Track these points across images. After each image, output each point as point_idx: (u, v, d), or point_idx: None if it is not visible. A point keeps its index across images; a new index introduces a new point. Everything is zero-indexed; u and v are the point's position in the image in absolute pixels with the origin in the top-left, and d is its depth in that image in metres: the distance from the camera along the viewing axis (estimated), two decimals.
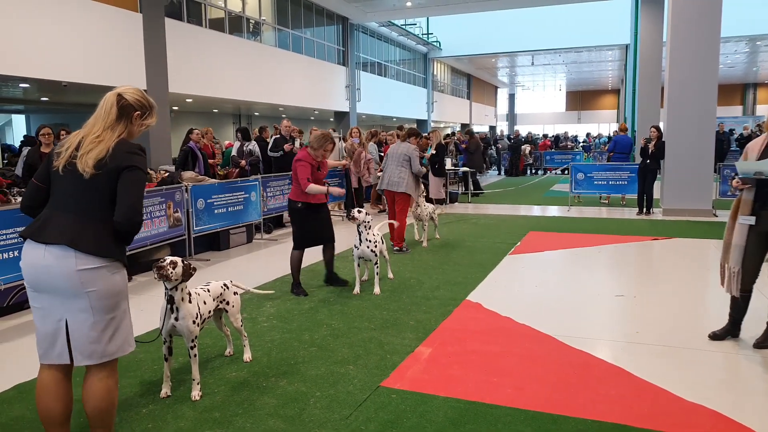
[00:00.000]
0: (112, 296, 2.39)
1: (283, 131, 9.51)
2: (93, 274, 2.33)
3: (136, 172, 2.41)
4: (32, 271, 2.36)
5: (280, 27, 18.01)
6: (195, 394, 3.20)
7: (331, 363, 3.72)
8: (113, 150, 2.38)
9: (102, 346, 2.38)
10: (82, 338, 2.36)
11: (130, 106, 2.50)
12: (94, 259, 2.34)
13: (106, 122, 2.45)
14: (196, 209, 7.06)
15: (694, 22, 9.64)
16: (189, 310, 3.16)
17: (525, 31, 26.51)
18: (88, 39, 10.78)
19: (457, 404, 3.13)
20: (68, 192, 2.40)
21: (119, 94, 2.50)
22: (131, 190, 2.38)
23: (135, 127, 2.54)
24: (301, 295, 5.31)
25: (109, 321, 2.40)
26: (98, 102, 2.53)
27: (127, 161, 2.39)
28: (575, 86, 46.74)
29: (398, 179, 7.06)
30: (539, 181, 17.92)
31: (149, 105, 2.60)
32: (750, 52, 29.54)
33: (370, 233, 5.30)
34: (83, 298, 2.33)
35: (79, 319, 2.35)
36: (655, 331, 4.27)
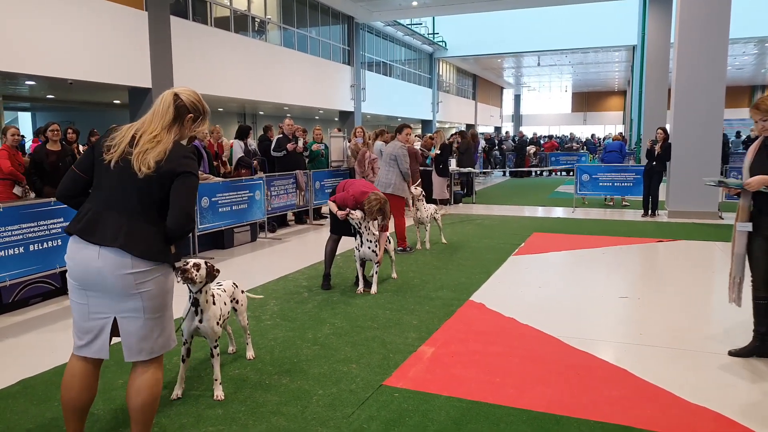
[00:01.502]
0: (162, 295, 2.41)
1: (285, 130, 9.53)
2: (146, 276, 2.35)
3: (192, 179, 2.40)
4: (82, 270, 2.35)
5: (285, 26, 18.03)
6: (219, 394, 3.20)
7: (333, 361, 3.73)
8: (170, 152, 2.36)
9: (150, 343, 2.42)
10: (132, 337, 2.39)
11: (184, 107, 2.47)
12: (147, 262, 2.35)
13: (163, 122, 2.41)
14: (201, 207, 7.08)
15: (702, 24, 9.60)
16: (213, 311, 3.18)
17: (531, 31, 26.44)
18: (94, 37, 10.82)
19: (459, 404, 3.12)
20: (119, 189, 2.36)
21: (176, 94, 2.48)
22: (186, 197, 2.37)
23: (186, 130, 2.50)
24: (326, 288, 5.49)
25: (157, 319, 2.42)
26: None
27: (183, 166, 2.37)
28: (581, 87, 46.60)
29: (386, 180, 6.93)
30: (543, 182, 17.87)
31: (203, 110, 2.55)
32: (758, 54, 29.37)
33: (370, 233, 5.30)
34: (136, 299, 2.35)
35: (130, 319, 2.37)
36: (658, 333, 4.26)
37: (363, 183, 5.55)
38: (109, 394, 3.24)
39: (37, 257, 4.97)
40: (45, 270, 5.05)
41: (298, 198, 9.43)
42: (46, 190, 6.83)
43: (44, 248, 5.03)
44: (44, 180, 6.93)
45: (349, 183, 5.56)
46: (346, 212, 5.18)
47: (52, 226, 5.09)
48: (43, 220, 5.01)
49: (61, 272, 5.22)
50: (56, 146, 7.06)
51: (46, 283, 5.29)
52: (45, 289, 5.29)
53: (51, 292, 5.34)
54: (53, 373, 3.58)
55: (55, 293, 5.37)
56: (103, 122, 15.19)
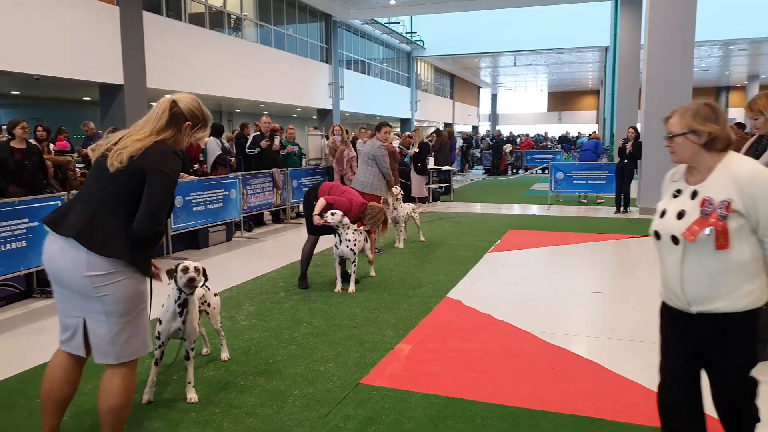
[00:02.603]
0: (126, 301, 2.34)
1: (262, 128, 9.43)
2: (104, 280, 2.28)
3: (163, 178, 2.31)
4: (50, 266, 2.37)
5: (262, 23, 17.87)
6: (193, 397, 3.15)
7: (310, 361, 3.71)
8: (147, 149, 2.31)
9: (117, 348, 2.36)
10: (99, 338, 2.36)
11: (182, 115, 2.43)
12: (104, 263, 2.27)
13: (155, 126, 2.38)
14: (174, 207, 6.97)
15: (670, 26, 9.81)
16: (195, 311, 3.16)
17: (507, 31, 26.67)
18: (62, 31, 10.55)
19: (436, 400, 3.14)
20: (92, 184, 2.41)
21: (174, 101, 2.44)
22: (155, 197, 2.30)
23: (183, 136, 2.46)
24: (303, 287, 5.47)
25: (124, 324, 2.35)
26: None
27: (156, 163, 2.30)
28: (556, 87, 47.21)
29: (364, 179, 6.82)
30: (519, 180, 18.07)
31: (203, 117, 2.51)
32: (723, 56, 30.14)
33: (348, 233, 5.29)
34: (97, 302, 2.31)
35: (94, 321, 2.34)
36: (630, 327, 4.34)
37: (351, 194, 5.58)
38: (76, 400, 3.13)
39: (1, 259, 4.82)
40: (8, 272, 4.89)
41: (275, 197, 9.36)
42: (11, 189, 6.64)
43: (8, 250, 4.87)
44: (8, 179, 6.73)
45: (346, 191, 5.62)
46: (324, 221, 5.18)
47: (16, 227, 4.95)
48: (6, 220, 4.87)
49: (25, 274, 5.08)
50: (22, 144, 6.86)
51: (10, 286, 5.13)
52: (8, 292, 5.13)
53: (15, 295, 5.18)
54: (18, 379, 3.48)
55: (20, 296, 5.21)
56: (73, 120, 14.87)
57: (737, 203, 2.00)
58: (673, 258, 2.11)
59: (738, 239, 2.01)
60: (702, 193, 2.06)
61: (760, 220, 2.00)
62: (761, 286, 2.08)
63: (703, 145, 2.07)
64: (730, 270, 2.03)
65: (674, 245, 2.09)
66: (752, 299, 2.05)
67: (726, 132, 2.07)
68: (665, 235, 2.12)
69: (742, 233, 2.02)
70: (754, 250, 2.04)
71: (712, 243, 2.00)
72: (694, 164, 2.13)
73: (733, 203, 1.99)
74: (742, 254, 2.02)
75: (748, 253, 2.03)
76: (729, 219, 1.99)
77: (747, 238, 2.03)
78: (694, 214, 2.04)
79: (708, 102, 2.13)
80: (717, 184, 2.04)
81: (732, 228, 1.99)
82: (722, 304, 2.05)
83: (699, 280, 2.06)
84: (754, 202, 1.98)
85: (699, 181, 2.10)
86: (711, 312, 2.07)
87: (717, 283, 2.05)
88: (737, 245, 2.01)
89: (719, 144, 2.07)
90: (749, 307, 2.05)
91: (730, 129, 2.11)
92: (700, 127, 2.06)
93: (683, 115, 2.10)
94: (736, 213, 1.99)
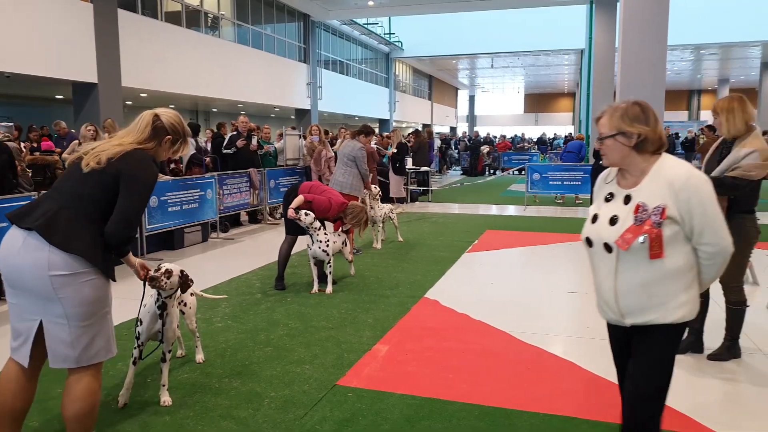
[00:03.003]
0: (89, 303, 2.28)
1: (240, 127, 9.34)
2: (66, 281, 2.22)
3: (140, 184, 2.33)
4: (7, 265, 2.28)
5: (239, 22, 17.70)
6: (166, 400, 3.09)
7: (286, 363, 3.67)
8: (125, 154, 2.32)
9: (77, 352, 2.29)
10: (56, 342, 2.27)
11: (163, 129, 2.46)
12: (66, 262, 2.22)
13: (138, 138, 2.41)
14: (149, 207, 6.86)
15: (643, 30, 9.99)
16: (175, 313, 3.11)
17: (485, 33, 26.87)
18: (34, 28, 10.30)
19: (412, 401, 3.13)
20: (63, 183, 2.38)
21: (156, 114, 2.46)
22: (131, 203, 2.30)
23: (162, 150, 2.49)
24: (278, 289, 5.42)
25: (85, 328, 2.29)
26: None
27: (135, 169, 2.31)
28: (533, 89, 47.72)
29: (343, 180, 6.80)
30: (496, 180, 18.22)
31: (183, 133, 2.55)
32: (695, 60, 30.83)
33: (320, 233, 5.26)
34: (57, 305, 2.23)
35: (53, 323, 2.26)
36: (604, 326, 4.38)
37: (329, 192, 5.52)
38: (45, 404, 3.08)
39: None
40: None
41: (251, 197, 9.27)
42: None
43: None
44: None
45: (326, 190, 5.56)
46: (298, 216, 5.12)
47: None
48: None
49: None
50: None
51: None
52: None
53: None
54: None
55: None
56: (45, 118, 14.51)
57: (671, 209, 1.88)
58: (605, 267, 2.00)
59: (672, 247, 1.89)
60: (635, 198, 1.94)
61: (695, 227, 1.89)
62: (694, 296, 1.98)
63: (634, 147, 1.95)
64: (664, 280, 1.92)
65: (607, 253, 1.98)
66: (685, 311, 1.95)
67: (657, 133, 1.95)
68: (597, 242, 2.02)
69: (677, 241, 1.90)
70: (689, 258, 1.94)
71: (646, 251, 1.89)
72: (625, 167, 2.00)
73: (668, 209, 1.87)
74: (676, 263, 1.91)
75: (683, 261, 1.92)
76: (663, 226, 1.87)
77: (681, 245, 1.91)
78: (628, 220, 1.92)
79: (638, 101, 2.01)
80: (651, 189, 1.92)
81: (666, 235, 1.88)
82: (655, 316, 1.94)
83: (633, 290, 1.95)
84: (688, 207, 1.87)
85: (632, 185, 1.98)
86: (644, 324, 1.97)
87: (651, 293, 1.93)
88: (671, 254, 1.90)
89: (650, 146, 1.95)
90: (682, 319, 1.95)
91: (662, 130, 2.00)
92: (628, 128, 1.94)
93: (612, 115, 1.98)
94: (671, 220, 1.88)
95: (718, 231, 1.91)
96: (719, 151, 3.59)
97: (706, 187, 1.91)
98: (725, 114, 3.42)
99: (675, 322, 1.95)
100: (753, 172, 3.30)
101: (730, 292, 3.61)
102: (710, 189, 1.91)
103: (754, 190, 3.45)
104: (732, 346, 3.67)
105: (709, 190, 1.91)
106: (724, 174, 3.36)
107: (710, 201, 1.89)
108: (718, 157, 3.55)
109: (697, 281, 1.99)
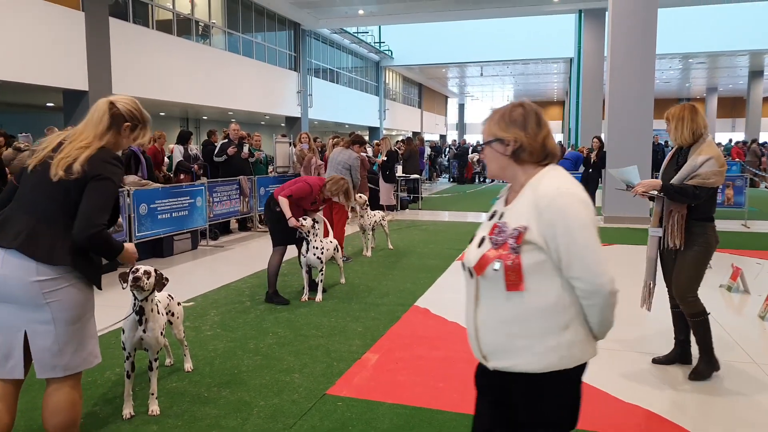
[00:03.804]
0: (76, 307, 2.25)
1: (231, 135, 9.33)
2: (54, 285, 2.19)
3: (105, 183, 2.24)
4: None
5: (230, 31, 17.71)
6: (154, 409, 3.06)
7: (276, 371, 3.65)
8: (91, 158, 2.25)
9: (65, 359, 2.24)
10: (43, 351, 2.22)
11: (120, 116, 2.37)
12: (54, 269, 2.20)
13: (97, 131, 2.32)
14: (139, 214, 6.81)
15: (631, 39, 10.12)
16: (158, 321, 3.06)
17: (474, 42, 27.09)
18: (25, 36, 10.25)
19: (403, 410, 3.12)
20: (33, 193, 2.29)
21: (111, 102, 2.38)
22: (93, 201, 2.22)
23: (123, 138, 2.40)
24: (282, 303, 5.14)
25: (73, 333, 2.25)
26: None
27: (98, 170, 2.24)
28: (522, 97, 47.02)
29: None
30: (487, 188, 18.29)
31: (142, 118, 2.45)
32: (683, 69, 31.24)
33: (316, 240, 5.25)
34: (45, 310, 2.19)
35: (40, 331, 2.21)
36: None
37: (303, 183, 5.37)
38: (31, 414, 3.04)
39: None
40: None
41: (241, 204, 9.24)
42: None
43: None
44: None
45: (297, 180, 5.46)
46: (299, 223, 5.11)
47: None
48: None
49: None
50: None
51: None
52: None
53: None
54: None
55: None
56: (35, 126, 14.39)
57: (533, 232, 1.54)
58: (468, 295, 1.71)
59: (537, 279, 1.55)
60: (505, 216, 1.64)
61: (561, 256, 1.53)
62: (572, 342, 1.58)
63: (512, 156, 1.65)
64: (528, 318, 1.57)
65: (471, 279, 1.69)
66: (556, 358, 1.56)
67: (537, 140, 1.64)
68: (465, 266, 1.71)
69: (543, 271, 1.55)
70: (563, 294, 1.56)
71: (503, 281, 1.57)
72: (509, 180, 1.72)
73: (527, 232, 1.55)
74: (542, 298, 1.56)
75: (552, 297, 1.56)
76: (522, 252, 1.54)
77: (551, 278, 1.56)
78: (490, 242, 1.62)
79: (522, 102, 1.72)
80: (520, 207, 1.61)
81: (527, 264, 1.54)
82: (516, 362, 1.58)
83: (493, 326, 1.62)
84: (553, 232, 1.52)
85: (510, 201, 1.69)
86: (506, 370, 1.61)
87: (510, 332, 1.59)
88: (536, 287, 1.55)
89: (527, 155, 1.64)
90: (552, 368, 1.56)
91: (547, 136, 1.67)
92: (503, 134, 1.65)
93: (490, 119, 1.71)
94: (532, 245, 1.54)
95: (589, 265, 1.52)
96: (675, 159, 3.59)
97: (576, 209, 1.53)
98: (675, 121, 3.44)
99: (543, 371, 1.56)
100: (711, 179, 3.30)
101: (687, 305, 3.47)
102: (583, 212, 1.54)
103: (712, 197, 3.44)
104: (708, 359, 3.51)
105: (580, 213, 1.53)
106: (684, 182, 3.36)
107: (580, 227, 1.52)
108: (675, 165, 3.54)
109: (581, 323, 1.60)
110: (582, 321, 1.60)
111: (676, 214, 3.43)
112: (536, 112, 1.70)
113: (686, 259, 3.45)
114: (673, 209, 3.44)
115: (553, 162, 1.67)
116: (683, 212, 3.41)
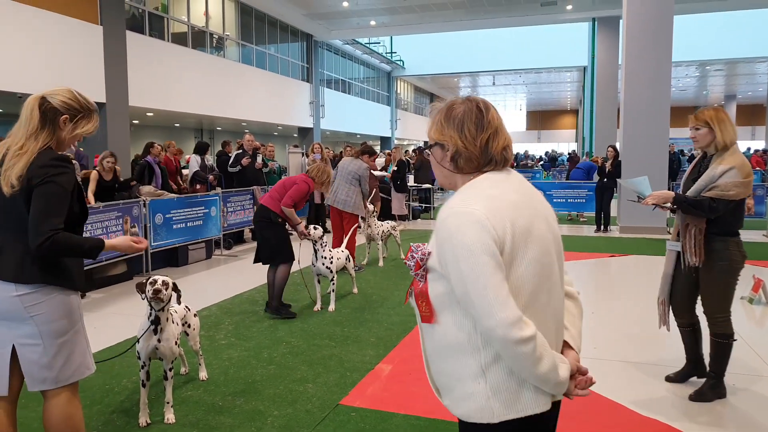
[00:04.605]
0: (61, 318, 2.17)
1: (246, 146, 9.42)
2: (36, 298, 2.13)
3: (44, 186, 2.08)
4: None
5: (244, 42, 17.92)
6: (170, 417, 3.08)
7: (289, 381, 3.65)
8: (31, 164, 2.10)
9: (55, 372, 2.18)
10: (32, 365, 2.16)
11: (54, 110, 2.18)
12: (27, 285, 2.13)
13: (27, 130, 2.15)
14: (154, 224, 6.88)
15: (647, 47, 10.06)
16: (172, 331, 3.09)
17: (486, 51, 27.13)
18: (46, 50, 10.48)
19: (417, 421, 3.10)
20: None
21: (42, 97, 2.19)
22: (35, 208, 2.06)
23: (64, 133, 2.21)
24: (289, 317, 5.03)
25: (61, 345, 2.18)
26: None
27: (38, 176, 2.08)
28: (535, 106, 47.97)
29: (345, 197, 6.73)
30: None
31: (82, 107, 2.25)
32: (700, 77, 30.97)
33: (325, 250, 5.26)
34: (29, 324, 2.13)
35: (27, 346, 2.15)
36: (612, 347, 4.35)
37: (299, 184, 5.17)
38: (31, 426, 3.05)
39: None
40: None
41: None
42: None
43: None
44: None
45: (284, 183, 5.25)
46: (309, 232, 5.13)
47: None
48: None
49: None
50: None
51: None
52: None
53: None
54: None
55: None
56: None
57: (434, 257, 1.33)
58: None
59: (448, 312, 1.33)
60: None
61: (454, 287, 1.29)
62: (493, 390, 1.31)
63: (452, 163, 1.41)
64: (446, 355, 1.36)
65: None
66: (473, 408, 1.32)
67: (476, 145, 1.37)
68: None
69: (452, 304, 1.32)
70: (472, 333, 1.31)
71: (417, 311, 1.39)
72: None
73: (429, 257, 1.34)
74: (453, 336, 1.33)
75: (463, 336, 1.31)
76: (429, 280, 1.34)
77: (462, 310, 1.31)
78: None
79: (468, 97, 1.45)
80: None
81: (436, 293, 1.33)
82: (446, 402, 1.42)
83: (431, 359, 1.45)
84: (445, 258, 1.30)
85: None
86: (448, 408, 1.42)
87: (437, 369, 1.41)
88: (447, 320, 1.33)
89: (463, 162, 1.39)
90: (471, 419, 1.33)
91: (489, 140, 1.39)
92: (441, 138, 1.41)
93: (430, 119, 1.48)
94: (436, 272, 1.33)
95: (477, 303, 1.25)
96: (697, 168, 3.33)
97: (463, 232, 1.26)
98: (717, 124, 3.12)
99: (462, 418, 1.37)
100: (732, 191, 3.02)
101: (715, 324, 3.26)
102: (471, 236, 1.25)
103: (735, 210, 3.14)
104: (717, 384, 3.31)
105: (466, 237, 1.25)
106: (701, 194, 3.11)
107: (465, 254, 1.25)
108: (695, 175, 3.30)
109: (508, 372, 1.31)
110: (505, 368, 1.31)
111: (693, 228, 3.18)
112: (478, 108, 1.41)
113: (710, 277, 3.22)
114: (690, 223, 3.20)
115: (497, 168, 1.40)
116: (701, 226, 3.16)
